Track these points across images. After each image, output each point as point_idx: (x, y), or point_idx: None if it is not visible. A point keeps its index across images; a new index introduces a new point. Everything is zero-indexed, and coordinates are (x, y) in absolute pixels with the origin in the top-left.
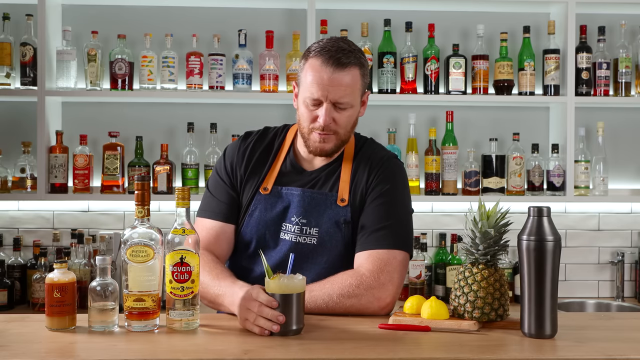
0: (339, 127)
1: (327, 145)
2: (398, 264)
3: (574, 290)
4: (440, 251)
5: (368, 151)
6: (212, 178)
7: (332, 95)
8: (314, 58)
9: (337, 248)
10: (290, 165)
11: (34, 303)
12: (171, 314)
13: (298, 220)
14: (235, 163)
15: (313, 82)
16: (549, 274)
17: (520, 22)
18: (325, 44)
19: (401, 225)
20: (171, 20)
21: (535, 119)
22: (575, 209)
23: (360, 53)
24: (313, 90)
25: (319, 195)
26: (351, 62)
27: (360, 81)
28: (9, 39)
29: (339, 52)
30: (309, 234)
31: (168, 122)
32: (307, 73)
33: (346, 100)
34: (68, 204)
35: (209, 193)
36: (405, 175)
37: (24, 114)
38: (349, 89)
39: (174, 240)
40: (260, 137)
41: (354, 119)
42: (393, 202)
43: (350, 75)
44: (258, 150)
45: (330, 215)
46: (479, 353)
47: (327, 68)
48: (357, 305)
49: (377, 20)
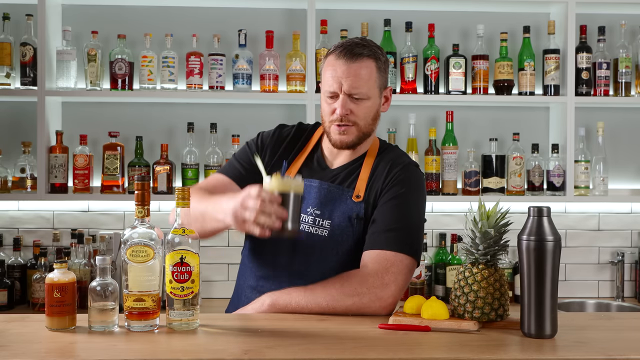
0: (357, 118)
1: (348, 137)
2: (404, 267)
3: (574, 290)
4: (440, 251)
5: (390, 154)
6: (240, 149)
7: (346, 86)
8: (330, 55)
9: (347, 243)
10: (315, 160)
11: (34, 303)
12: (171, 314)
13: (313, 211)
14: (268, 143)
15: (329, 76)
16: (549, 274)
17: (520, 22)
18: (343, 42)
19: (412, 231)
20: (171, 20)
21: (535, 119)
22: (575, 209)
23: (377, 48)
24: (329, 83)
25: (335, 189)
26: (364, 54)
27: (377, 73)
28: (9, 39)
29: (353, 46)
30: (321, 225)
31: (168, 122)
32: (325, 70)
33: (360, 90)
34: (68, 204)
35: (234, 158)
36: (423, 184)
37: (24, 114)
38: (362, 80)
39: (174, 240)
40: (294, 130)
41: (374, 111)
42: (407, 206)
43: (363, 66)
44: (290, 141)
45: (343, 209)
46: (479, 353)
47: (340, 60)
48: (358, 303)
49: (377, 20)
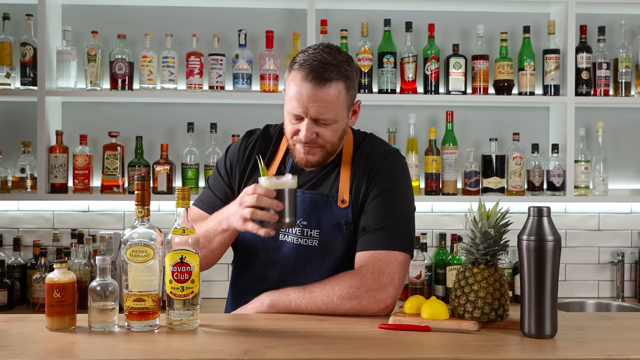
0: (324, 141)
1: (313, 158)
2: (399, 265)
3: (574, 290)
4: (440, 251)
5: (367, 148)
6: (212, 173)
7: (313, 112)
8: (296, 71)
9: (339, 249)
10: (288, 164)
11: (34, 303)
12: (171, 314)
13: (299, 222)
14: (235, 162)
15: (293, 96)
16: (549, 274)
17: (520, 22)
18: (309, 55)
19: (402, 225)
20: (171, 20)
21: (535, 119)
22: (575, 209)
23: (347, 64)
24: (294, 106)
25: (319, 196)
26: (333, 78)
27: (345, 94)
28: (9, 39)
29: (321, 67)
30: (310, 236)
31: (168, 122)
32: (289, 85)
33: (328, 116)
34: (68, 204)
35: (207, 186)
36: (406, 170)
37: (24, 114)
38: (330, 105)
39: (174, 240)
40: (261, 136)
41: (341, 131)
42: (393, 201)
43: (332, 91)
44: (259, 150)
45: (331, 217)
46: (479, 353)
47: (307, 83)
48: (357, 307)
49: (377, 20)
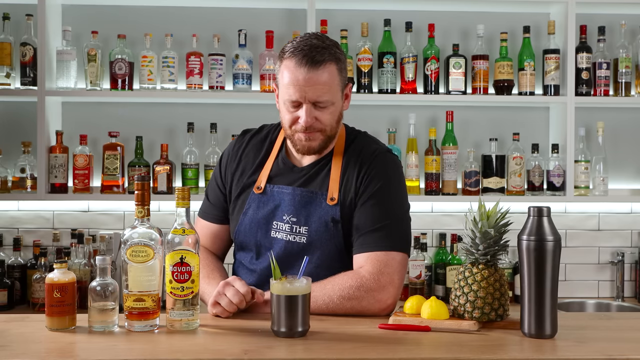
0: (323, 124)
1: (314, 143)
2: (397, 265)
3: (574, 290)
4: (440, 251)
5: (359, 146)
6: (210, 181)
7: (310, 95)
8: (288, 59)
9: (327, 247)
10: (282, 162)
11: (34, 303)
12: (171, 314)
13: (289, 218)
14: (229, 165)
15: (289, 83)
16: (549, 274)
17: (520, 22)
18: (299, 42)
19: (398, 225)
20: (171, 20)
21: (535, 119)
22: (575, 209)
23: (336, 47)
24: (291, 92)
25: (309, 193)
26: (326, 59)
27: (338, 76)
28: (9, 39)
29: (313, 50)
30: (298, 232)
31: (168, 122)
32: (283, 75)
33: (325, 98)
34: (68, 204)
35: (206, 196)
36: (399, 169)
37: (24, 114)
38: (326, 87)
39: (174, 240)
40: (255, 135)
41: (338, 114)
42: (388, 201)
43: (326, 73)
44: (253, 149)
45: (319, 214)
46: (479, 353)
47: (302, 68)
48: (357, 307)
49: (377, 20)
